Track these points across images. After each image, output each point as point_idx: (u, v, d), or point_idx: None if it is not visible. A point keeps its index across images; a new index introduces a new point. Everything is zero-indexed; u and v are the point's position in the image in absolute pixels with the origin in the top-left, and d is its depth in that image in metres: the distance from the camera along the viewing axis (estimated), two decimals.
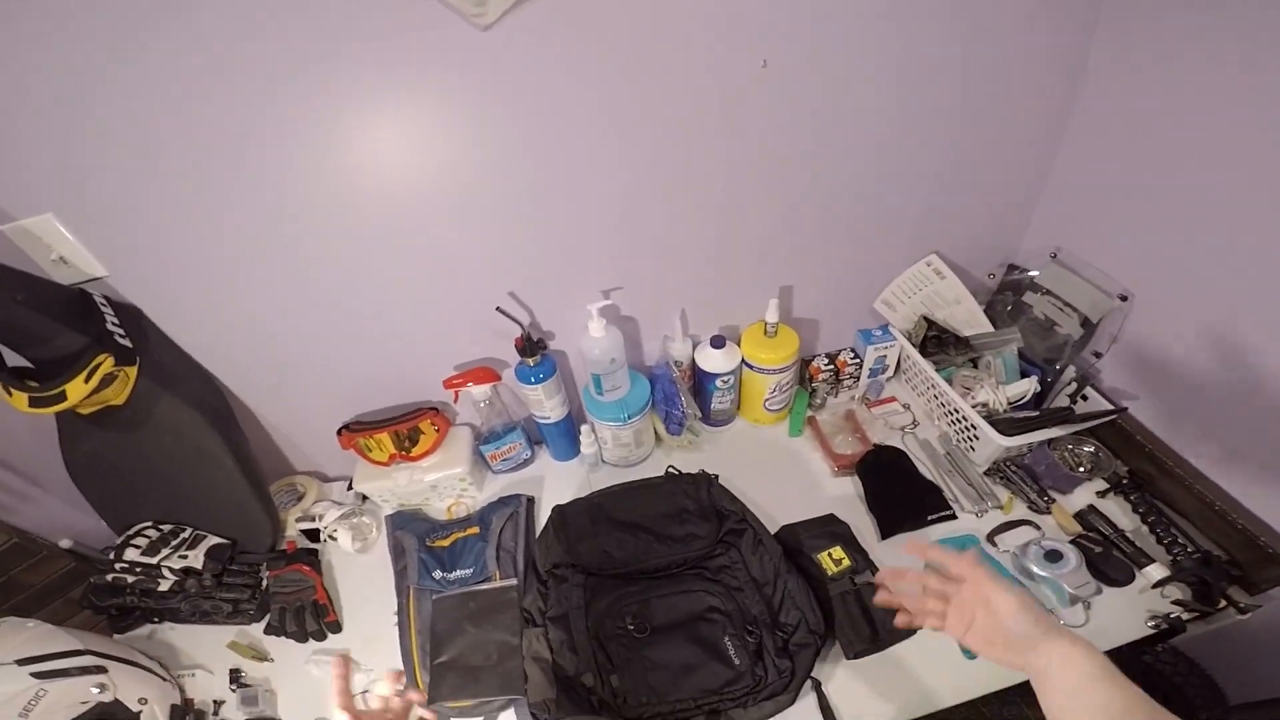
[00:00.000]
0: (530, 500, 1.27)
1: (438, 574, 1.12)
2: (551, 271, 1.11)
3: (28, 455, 1.11)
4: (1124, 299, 1.11)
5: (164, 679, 1.03)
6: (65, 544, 1.15)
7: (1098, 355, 1.18)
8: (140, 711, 0.95)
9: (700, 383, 1.31)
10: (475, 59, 0.84)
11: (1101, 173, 1.13)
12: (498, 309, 1.08)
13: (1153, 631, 0.97)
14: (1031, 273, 1.26)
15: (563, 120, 0.92)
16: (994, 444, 1.12)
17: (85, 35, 0.74)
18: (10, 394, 0.87)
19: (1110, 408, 1.15)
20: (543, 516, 1.21)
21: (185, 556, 1.10)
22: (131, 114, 0.80)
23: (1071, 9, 1.00)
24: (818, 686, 0.95)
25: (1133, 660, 1.15)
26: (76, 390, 0.89)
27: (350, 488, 1.30)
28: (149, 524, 1.14)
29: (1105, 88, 1.06)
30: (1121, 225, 1.12)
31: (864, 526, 1.16)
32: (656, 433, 1.33)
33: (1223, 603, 0.97)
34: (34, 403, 0.87)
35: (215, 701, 1.05)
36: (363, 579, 1.20)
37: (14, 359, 0.92)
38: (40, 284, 0.89)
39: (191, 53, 0.77)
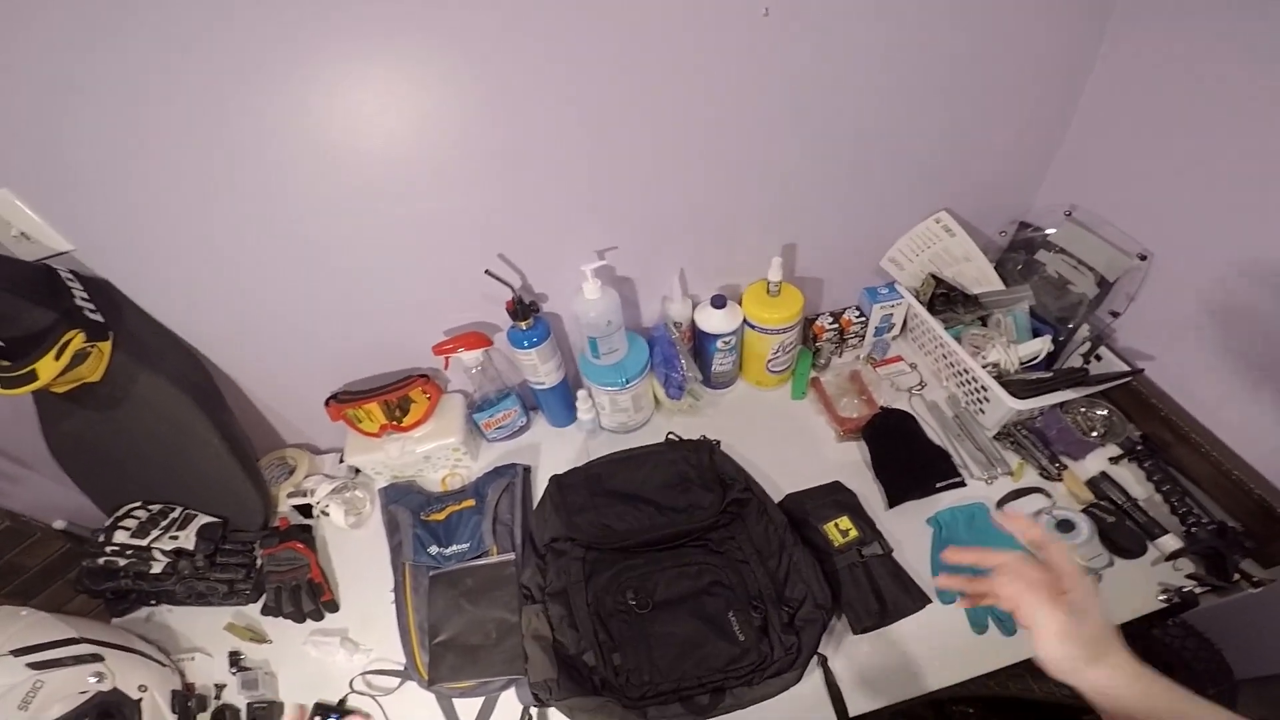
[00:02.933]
0: (526, 470, 1.27)
1: (433, 549, 1.12)
2: (542, 232, 1.08)
3: (10, 436, 1.10)
4: (1143, 258, 1.10)
5: (163, 664, 1.04)
6: (59, 525, 1.15)
7: (1115, 315, 1.16)
8: (141, 699, 0.95)
9: (701, 344, 1.30)
10: (450, 12, 0.80)
11: (1122, 126, 1.10)
12: (486, 272, 1.06)
13: (1164, 605, 0.97)
14: (1047, 231, 1.24)
15: (546, 74, 0.89)
16: (1005, 406, 1.11)
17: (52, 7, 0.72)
18: None
19: (1126, 369, 1.14)
20: (540, 486, 1.21)
21: (176, 537, 1.10)
22: (97, 84, 0.78)
23: None
24: (824, 663, 0.96)
25: (1140, 634, 1.15)
26: (47, 368, 0.87)
27: (342, 460, 1.30)
28: (138, 504, 1.13)
29: (1131, 36, 1.03)
30: (1141, 182, 1.10)
31: (870, 494, 1.16)
32: (656, 397, 1.33)
33: (1236, 576, 0.97)
34: (4, 383, 0.86)
35: (217, 685, 1.05)
36: (358, 555, 1.20)
37: None
38: (1, 261, 0.87)
39: (162, 17, 0.75)
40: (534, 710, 0.96)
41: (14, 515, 1.10)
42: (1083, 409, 1.18)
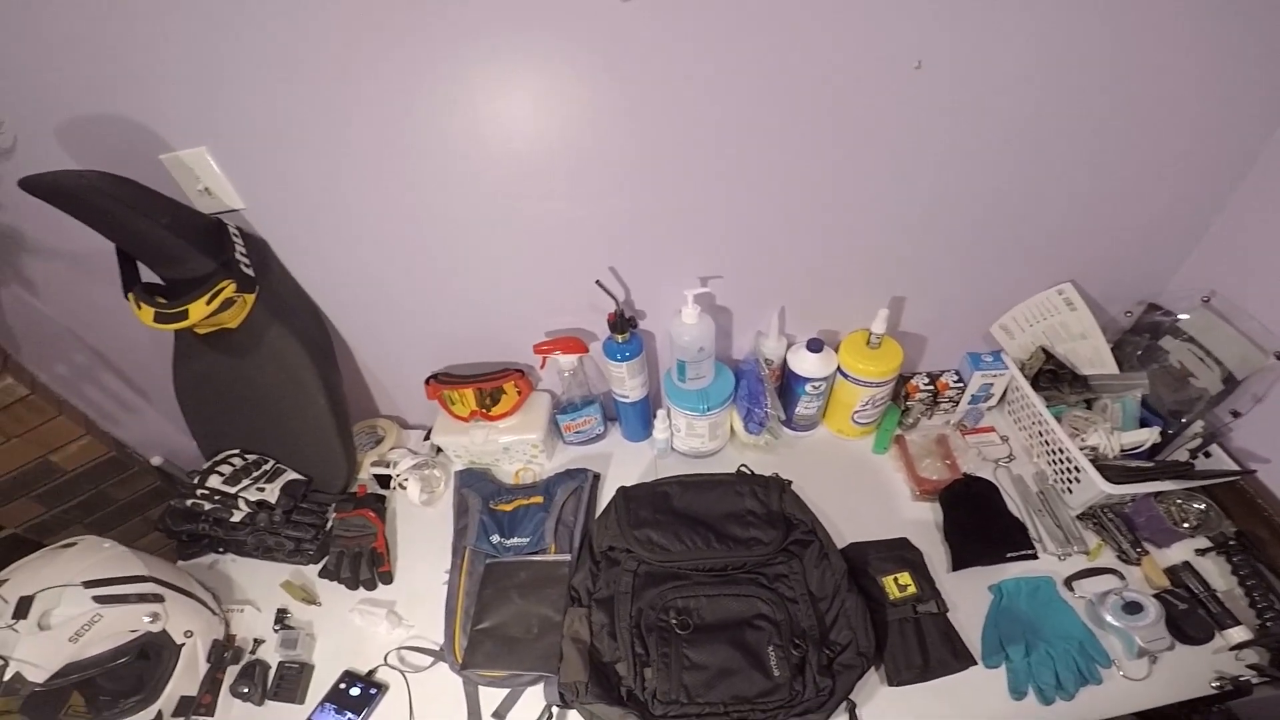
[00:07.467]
0: (596, 477, 1.30)
1: (495, 538, 1.17)
2: (653, 251, 1.12)
3: (143, 368, 1.21)
4: None
5: (214, 613, 1.09)
6: (156, 461, 1.26)
7: (1236, 414, 1.11)
8: (184, 644, 1.00)
9: (788, 384, 1.30)
10: (608, 29, 0.84)
11: None
12: (597, 282, 1.10)
13: (1215, 692, 0.96)
14: (1181, 316, 1.18)
15: (686, 102, 0.92)
16: (1096, 489, 1.08)
17: None
18: (140, 308, 0.96)
19: (1236, 469, 1.10)
20: (606, 495, 1.24)
21: (263, 489, 1.18)
22: (287, 65, 0.86)
23: None
24: (851, 709, 0.95)
25: (1180, 718, 1.10)
26: (198, 310, 0.96)
27: (427, 438, 1.37)
28: (235, 451, 1.22)
29: None
30: None
31: (936, 555, 1.14)
32: (732, 428, 1.34)
33: None
34: (159, 318, 0.95)
35: (255, 640, 1.11)
36: (422, 532, 1.25)
37: (148, 276, 1.01)
38: (183, 210, 0.97)
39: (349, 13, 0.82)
40: (555, 709, 0.98)
41: (121, 445, 1.20)
42: (1179, 500, 1.13)
